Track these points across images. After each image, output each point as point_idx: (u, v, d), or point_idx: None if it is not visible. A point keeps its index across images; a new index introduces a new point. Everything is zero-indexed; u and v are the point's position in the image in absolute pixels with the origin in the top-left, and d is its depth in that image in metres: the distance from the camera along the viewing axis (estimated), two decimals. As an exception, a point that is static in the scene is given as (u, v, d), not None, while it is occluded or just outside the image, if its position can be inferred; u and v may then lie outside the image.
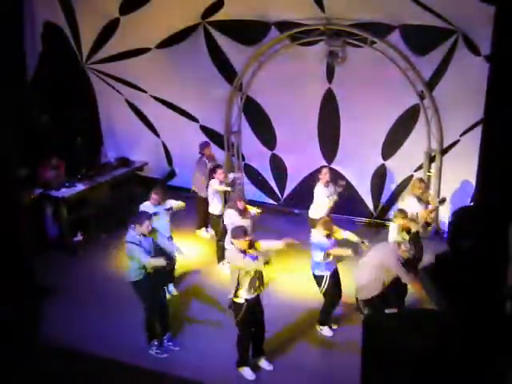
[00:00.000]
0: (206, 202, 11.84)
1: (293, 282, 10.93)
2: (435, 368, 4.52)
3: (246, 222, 9.92)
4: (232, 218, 10.31)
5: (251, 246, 8.30)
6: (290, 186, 13.61)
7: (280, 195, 13.99)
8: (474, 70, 10.56)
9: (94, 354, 9.09)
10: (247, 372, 8.80)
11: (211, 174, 11.64)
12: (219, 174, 11.38)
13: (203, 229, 12.81)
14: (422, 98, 11.75)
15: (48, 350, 9.06)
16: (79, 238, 12.47)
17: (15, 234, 10.25)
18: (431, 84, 11.65)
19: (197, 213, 12.67)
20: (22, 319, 9.28)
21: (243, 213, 10.45)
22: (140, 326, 9.55)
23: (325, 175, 11.19)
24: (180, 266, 11.05)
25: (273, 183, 13.95)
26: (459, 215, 5.10)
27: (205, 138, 13.84)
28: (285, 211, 13.71)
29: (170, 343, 9.43)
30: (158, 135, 14.48)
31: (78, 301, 10.43)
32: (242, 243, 8.18)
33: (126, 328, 9.84)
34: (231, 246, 8.48)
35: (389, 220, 12.53)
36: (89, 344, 9.28)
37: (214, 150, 13.53)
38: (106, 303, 10.34)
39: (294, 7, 11.74)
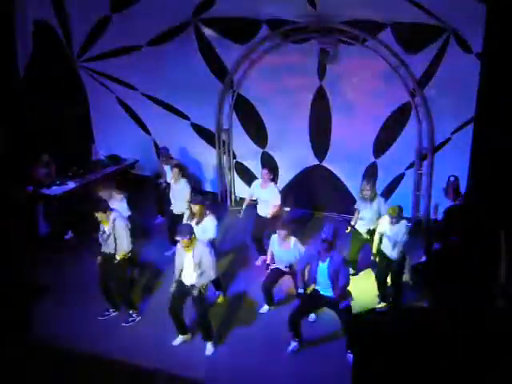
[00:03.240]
0: None
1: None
2: (425, 365, 4.52)
3: None
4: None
5: None
6: (281, 185, 13.59)
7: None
8: (465, 67, 10.60)
9: (86, 353, 9.02)
10: None
11: None
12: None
13: None
14: (413, 95, 11.76)
15: (40, 349, 9.05)
16: (71, 235, 12.44)
17: (6, 232, 10.27)
18: (422, 82, 11.66)
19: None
20: (12, 318, 9.30)
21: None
22: (133, 324, 9.61)
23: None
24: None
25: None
26: (450, 213, 5.12)
27: (196, 136, 13.84)
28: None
29: None
30: (148, 133, 14.45)
31: (69, 299, 10.36)
32: None
33: (119, 326, 9.84)
34: None
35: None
36: (82, 342, 9.24)
37: (205, 148, 13.52)
38: (98, 301, 10.30)
39: (286, 5, 11.73)
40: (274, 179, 12.07)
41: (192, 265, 8.81)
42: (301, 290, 9.09)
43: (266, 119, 13.33)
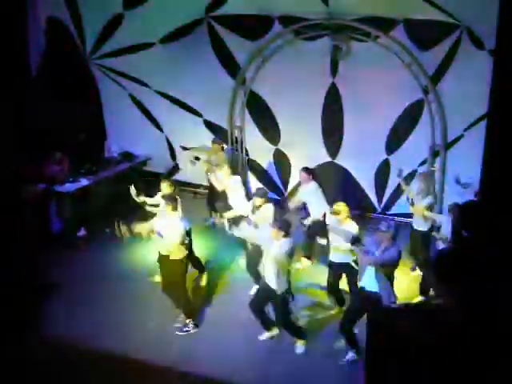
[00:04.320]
0: None
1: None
2: (439, 364, 4.51)
3: None
4: None
5: None
6: (293, 182, 13.59)
7: (284, 190, 13.98)
8: (478, 64, 10.55)
9: (98, 351, 9.04)
10: None
11: None
12: None
13: None
14: (426, 92, 11.73)
15: (51, 347, 9.07)
16: (83, 233, 12.49)
17: (19, 229, 10.31)
18: (435, 79, 11.62)
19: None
20: (22, 317, 9.32)
21: None
22: (146, 322, 9.63)
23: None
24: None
25: (276, 178, 13.94)
26: (464, 209, 5.10)
27: (208, 133, 13.86)
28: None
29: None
30: (161, 130, 14.48)
31: (82, 296, 10.40)
32: None
33: (131, 323, 9.84)
34: None
35: (396, 215, 12.59)
36: (93, 341, 9.25)
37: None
38: (110, 299, 10.34)
39: (298, 1, 11.72)
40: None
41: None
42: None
43: (278, 116, 13.34)
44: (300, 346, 9.28)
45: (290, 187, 13.85)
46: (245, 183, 13.31)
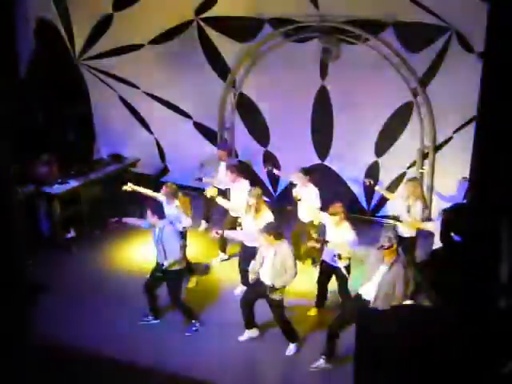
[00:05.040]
0: None
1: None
2: (429, 365, 4.52)
3: None
4: None
5: None
6: (283, 184, 13.60)
7: (273, 192, 13.99)
8: (467, 66, 10.58)
9: (88, 353, 9.03)
10: None
11: None
12: None
13: None
14: (415, 95, 11.77)
15: (41, 349, 9.03)
16: (72, 234, 12.46)
17: (7, 231, 10.24)
18: (424, 81, 11.67)
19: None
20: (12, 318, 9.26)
21: None
22: (135, 322, 9.61)
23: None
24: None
25: (266, 180, 13.94)
26: (453, 212, 5.11)
27: (198, 135, 13.85)
28: (278, 207, 13.68)
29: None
30: (150, 132, 14.46)
31: (72, 298, 10.38)
32: None
33: (121, 325, 9.83)
34: None
35: (385, 217, 12.60)
36: (83, 342, 9.23)
37: (207, 146, 13.52)
38: (100, 300, 10.32)
39: (288, 4, 11.74)
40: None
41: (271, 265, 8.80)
42: None
43: (268, 118, 13.35)
44: (291, 348, 9.30)
45: (279, 189, 13.87)
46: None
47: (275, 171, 12.37)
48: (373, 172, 12.70)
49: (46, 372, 8.54)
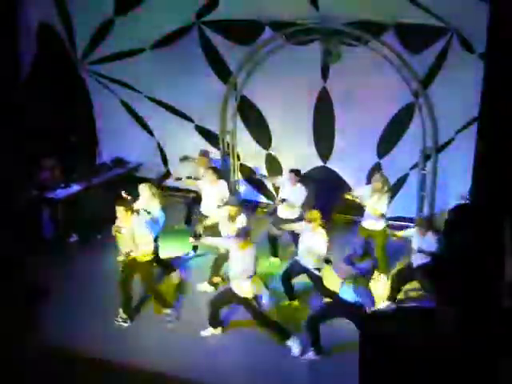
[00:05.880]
0: None
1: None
2: (434, 366, 4.53)
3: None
4: None
5: None
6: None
7: (275, 194, 13.98)
8: (468, 67, 10.61)
9: (90, 356, 9.06)
10: None
11: None
12: None
13: None
14: (416, 96, 11.76)
15: (43, 352, 9.05)
16: (75, 238, 12.47)
17: (11, 235, 10.30)
18: (426, 82, 11.66)
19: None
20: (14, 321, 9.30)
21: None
22: (136, 326, 9.61)
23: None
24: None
25: (268, 183, 13.93)
26: (455, 213, 5.12)
27: (200, 138, 13.86)
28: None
29: None
30: (152, 135, 14.47)
31: (74, 302, 10.39)
32: None
33: (122, 329, 9.85)
34: None
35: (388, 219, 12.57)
36: (85, 345, 9.26)
37: (210, 149, 13.53)
38: (102, 304, 10.32)
39: (289, 6, 11.74)
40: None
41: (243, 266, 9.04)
42: None
43: (269, 120, 13.35)
44: (291, 344, 9.28)
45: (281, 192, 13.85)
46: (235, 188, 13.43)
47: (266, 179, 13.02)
48: (374, 173, 12.68)
49: (46, 372, 8.62)
